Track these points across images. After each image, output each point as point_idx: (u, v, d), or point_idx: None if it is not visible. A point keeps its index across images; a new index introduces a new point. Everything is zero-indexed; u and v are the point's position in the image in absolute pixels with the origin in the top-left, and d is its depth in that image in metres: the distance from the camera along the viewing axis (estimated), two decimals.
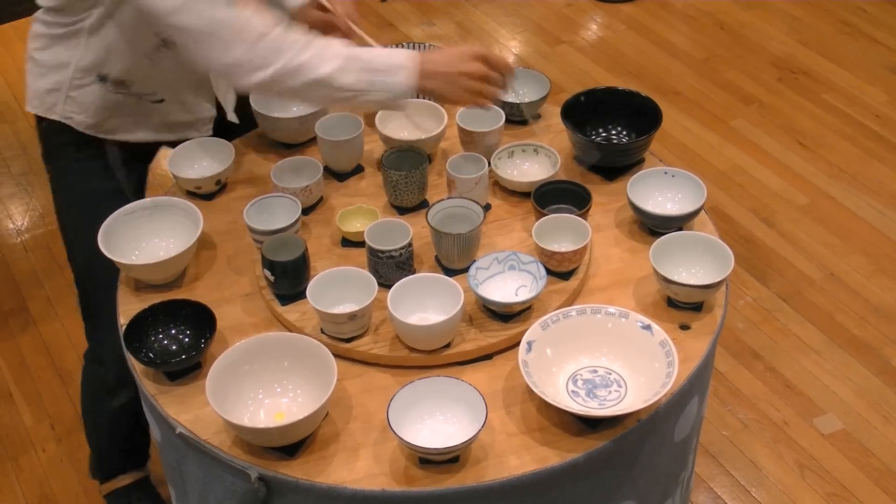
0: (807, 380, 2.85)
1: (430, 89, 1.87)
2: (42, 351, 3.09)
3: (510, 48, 4.31)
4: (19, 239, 3.49)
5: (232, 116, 2.16)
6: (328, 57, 1.80)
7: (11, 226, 3.55)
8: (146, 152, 2.22)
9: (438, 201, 1.89)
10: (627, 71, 4.10)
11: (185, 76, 2.05)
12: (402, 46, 2.32)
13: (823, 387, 2.83)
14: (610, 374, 1.70)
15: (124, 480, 2.48)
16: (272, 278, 1.80)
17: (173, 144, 2.15)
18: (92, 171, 2.13)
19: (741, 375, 2.87)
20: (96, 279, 2.16)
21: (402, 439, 1.54)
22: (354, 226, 1.94)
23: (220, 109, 2.18)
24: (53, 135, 2.14)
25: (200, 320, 1.78)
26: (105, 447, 2.48)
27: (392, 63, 1.83)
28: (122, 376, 2.07)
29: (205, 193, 2.07)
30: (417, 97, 1.93)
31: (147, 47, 1.97)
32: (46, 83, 2.07)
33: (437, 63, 1.87)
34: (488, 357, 1.75)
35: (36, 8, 2.05)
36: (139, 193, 2.15)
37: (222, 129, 2.19)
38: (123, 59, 1.98)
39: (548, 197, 1.96)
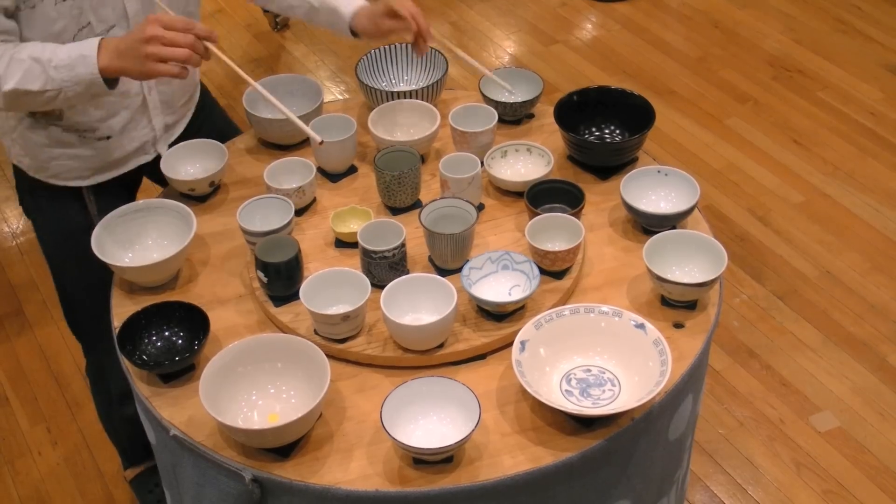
0: (803, 378, 2.85)
1: (118, 68, 1.76)
2: (38, 354, 3.09)
3: (505, 48, 4.31)
4: (14, 242, 3.49)
5: (160, 147, 2.11)
6: (14, 66, 1.76)
7: (7, 229, 3.55)
8: (128, 183, 2.17)
9: (432, 201, 1.89)
10: (622, 70, 4.10)
11: (113, 99, 1.99)
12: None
13: (819, 384, 2.83)
14: (604, 373, 1.70)
15: (147, 464, 2.57)
16: (265, 280, 1.80)
17: (132, 175, 2.13)
18: (68, 209, 2.10)
19: (737, 374, 2.87)
20: (84, 308, 2.19)
21: (395, 440, 1.54)
22: (348, 226, 1.94)
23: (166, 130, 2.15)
24: (23, 180, 2.12)
25: (194, 322, 1.78)
26: (125, 444, 2.56)
27: (72, 56, 1.75)
28: (125, 390, 2.10)
29: (198, 195, 2.07)
30: (113, 82, 1.81)
31: None
32: None
33: (117, 41, 1.76)
34: (482, 357, 1.75)
35: None
36: None
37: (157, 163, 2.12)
38: None
39: (541, 196, 1.96)
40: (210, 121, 2.28)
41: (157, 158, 2.11)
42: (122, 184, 2.13)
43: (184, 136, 2.16)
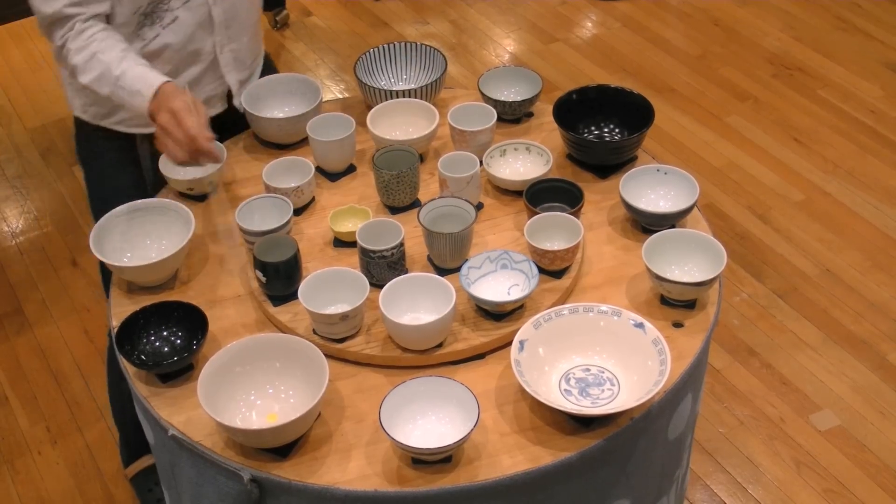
0: (803, 376, 2.85)
1: (154, 123, 1.88)
2: (37, 353, 3.08)
3: (505, 46, 4.31)
4: (14, 242, 3.49)
5: (238, 102, 2.19)
6: (93, 65, 1.91)
7: (6, 228, 3.55)
8: None
9: (430, 201, 1.89)
10: (622, 68, 4.10)
11: (184, 56, 2.07)
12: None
13: (819, 383, 2.83)
14: (603, 372, 1.70)
15: (148, 461, 2.55)
16: (264, 279, 1.80)
17: None
18: (122, 160, 2.18)
19: (737, 372, 2.87)
20: None
21: (394, 440, 1.54)
22: (346, 226, 1.94)
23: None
24: (81, 131, 2.21)
25: (192, 322, 1.78)
26: (130, 428, 2.53)
27: (134, 87, 1.89)
28: None
29: (197, 195, 2.07)
30: None
31: (132, 25, 1.99)
32: (64, 78, 2.14)
33: (159, 102, 1.86)
34: (481, 356, 1.75)
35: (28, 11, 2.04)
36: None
37: (228, 116, 2.20)
38: None
39: (540, 195, 1.95)
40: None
41: (222, 114, 2.18)
42: None
43: None
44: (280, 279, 1.80)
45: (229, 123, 2.19)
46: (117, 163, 2.19)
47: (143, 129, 2.11)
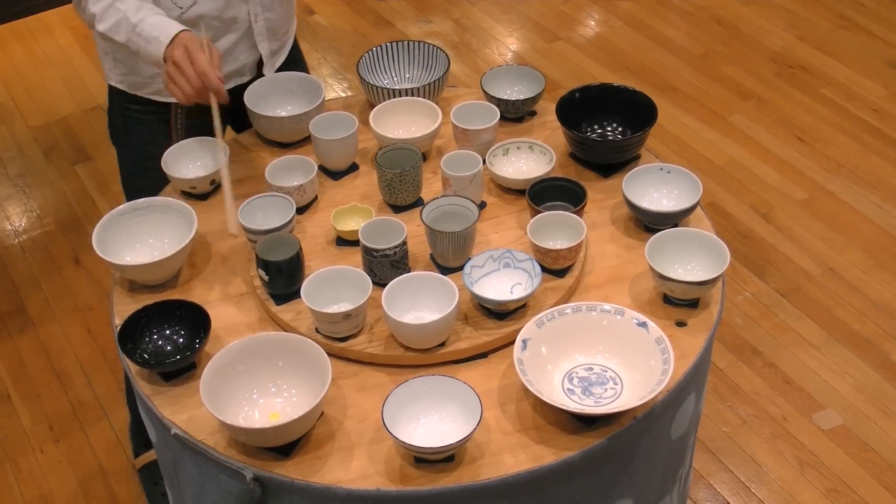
0: (806, 375, 2.85)
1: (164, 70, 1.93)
2: (40, 352, 3.09)
3: (508, 45, 4.31)
4: (17, 240, 3.49)
5: (267, 70, 2.23)
6: (111, 13, 1.95)
7: (9, 227, 3.55)
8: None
9: (433, 199, 1.88)
10: (625, 67, 4.09)
11: (219, 24, 2.11)
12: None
13: (823, 382, 2.83)
14: (605, 371, 1.70)
15: (153, 455, 2.58)
16: (266, 278, 1.80)
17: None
18: (156, 134, 2.21)
19: (740, 371, 2.87)
20: None
21: (396, 439, 1.54)
22: (349, 225, 1.94)
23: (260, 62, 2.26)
24: (117, 101, 2.25)
25: (195, 320, 1.78)
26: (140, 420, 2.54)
27: (151, 34, 1.92)
28: None
29: (199, 193, 2.07)
30: None
31: None
32: (100, 49, 2.17)
33: (173, 46, 1.90)
34: (483, 355, 1.75)
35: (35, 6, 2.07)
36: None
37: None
38: None
39: (543, 194, 1.95)
40: (301, 56, 2.41)
41: (255, 79, 2.22)
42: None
43: (286, 63, 2.30)
44: (282, 278, 1.80)
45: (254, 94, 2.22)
46: (150, 133, 2.23)
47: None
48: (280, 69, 2.29)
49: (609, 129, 2.16)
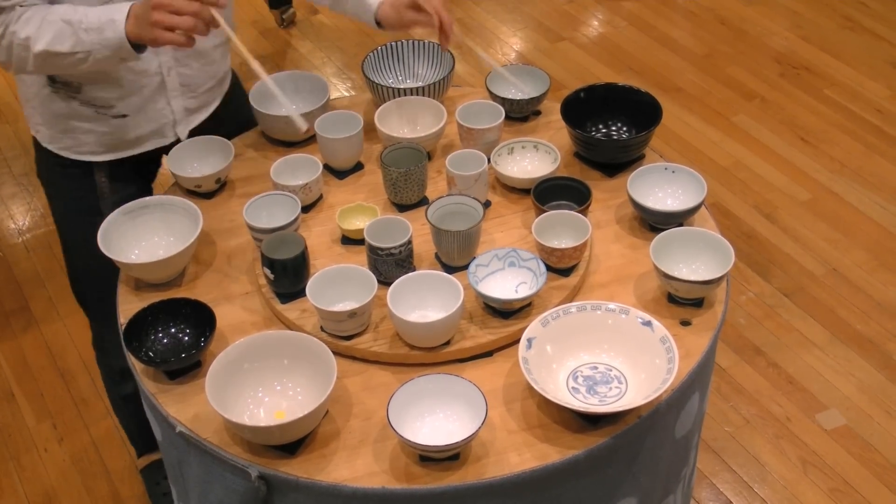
0: (809, 375, 2.85)
1: (136, 35, 1.77)
2: (44, 351, 3.09)
3: (511, 45, 4.31)
4: (21, 239, 3.50)
5: (179, 131, 2.11)
6: (46, 28, 1.78)
7: (13, 226, 3.55)
8: (143, 167, 2.17)
9: (438, 198, 1.89)
10: (629, 67, 4.10)
11: (132, 76, 1.99)
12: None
13: (826, 382, 2.82)
14: (610, 370, 1.70)
15: (159, 454, 2.56)
16: (272, 276, 1.80)
17: (150, 157, 2.13)
18: (79, 185, 2.10)
19: (743, 371, 2.87)
20: (90, 284, 2.21)
21: (402, 437, 1.54)
22: (354, 223, 1.94)
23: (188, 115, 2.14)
24: (40, 151, 2.12)
25: (200, 319, 1.78)
26: (132, 426, 2.57)
27: (102, 19, 1.78)
28: (124, 367, 2.09)
29: (204, 192, 2.07)
30: (142, 47, 1.81)
31: None
32: (21, 92, 2.06)
33: (138, 6, 1.77)
34: (488, 354, 1.75)
35: None
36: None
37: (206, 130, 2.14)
38: None
39: (548, 193, 1.95)
40: (238, 114, 2.24)
41: (176, 143, 2.11)
42: (137, 168, 2.13)
43: (208, 123, 2.16)
44: (288, 276, 1.80)
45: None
46: (78, 188, 2.10)
47: (90, 157, 2.06)
48: (202, 131, 2.13)
49: (614, 128, 2.16)
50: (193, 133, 2.13)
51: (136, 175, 2.15)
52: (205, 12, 1.75)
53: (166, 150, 2.12)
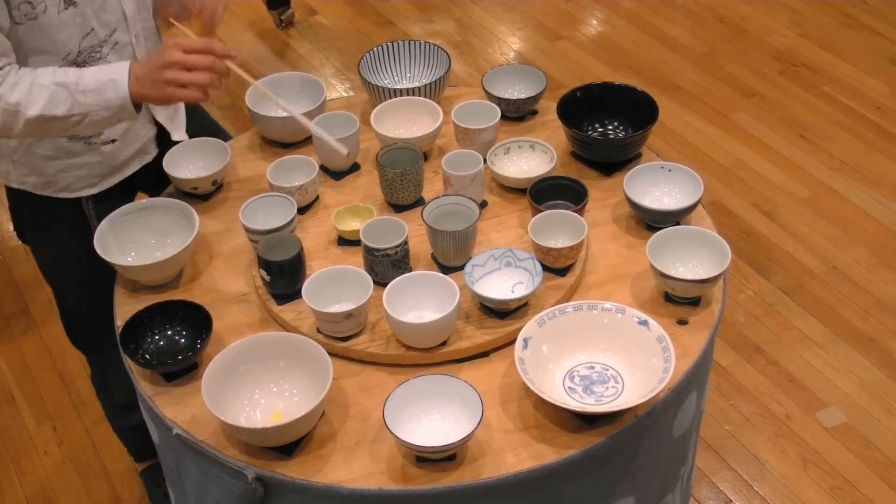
0: (809, 373, 2.84)
1: (140, 95, 1.77)
2: (44, 353, 3.09)
3: (510, 44, 4.30)
4: (20, 241, 3.49)
5: (180, 136, 2.11)
6: (37, 92, 1.74)
7: (12, 228, 3.54)
8: (125, 194, 2.13)
9: (434, 199, 1.88)
10: (627, 66, 4.09)
11: None
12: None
13: (826, 380, 2.82)
14: (607, 370, 1.70)
15: (156, 458, 2.55)
16: (268, 278, 1.80)
17: (133, 183, 2.13)
18: (71, 228, 2.07)
19: (743, 369, 2.86)
20: (87, 324, 2.18)
21: (398, 438, 1.54)
22: (350, 224, 1.94)
23: (161, 128, 2.13)
24: (22, 204, 2.09)
25: (197, 321, 1.78)
26: (133, 445, 2.58)
27: (101, 80, 1.76)
28: (128, 401, 2.10)
29: (201, 194, 2.07)
30: (138, 106, 1.81)
31: None
32: None
33: (141, 66, 1.77)
34: (485, 354, 1.75)
35: None
36: None
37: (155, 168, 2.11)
38: None
39: (544, 193, 1.95)
40: (202, 123, 2.24)
41: (154, 160, 2.10)
42: (122, 194, 2.11)
43: (191, 122, 2.15)
44: (284, 278, 1.80)
45: (152, 179, 2.11)
46: (68, 231, 2.07)
47: (85, 192, 2.04)
48: (188, 130, 2.14)
49: (610, 127, 2.16)
50: (168, 139, 2.11)
51: (123, 202, 2.08)
52: (219, 65, 1.75)
53: (140, 175, 2.12)
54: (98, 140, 2.00)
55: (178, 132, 2.12)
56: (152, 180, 2.14)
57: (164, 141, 2.13)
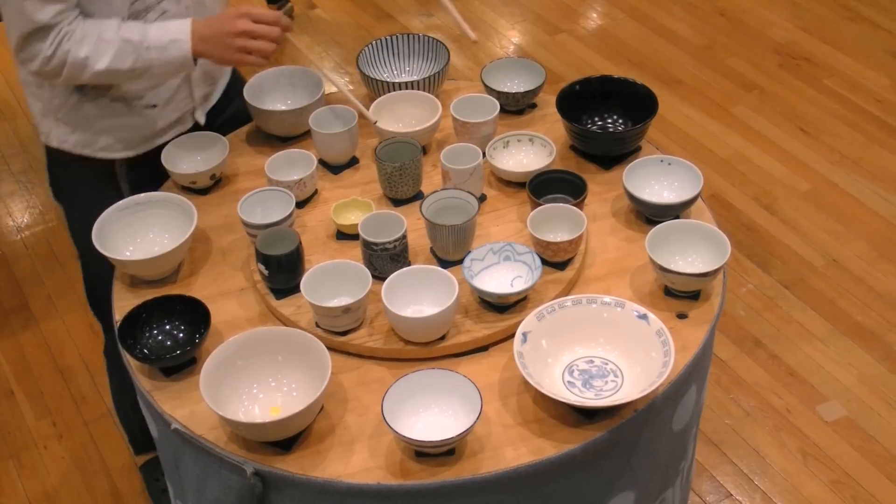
0: (809, 367, 2.84)
1: (203, 53, 1.91)
2: (43, 348, 3.09)
3: (510, 38, 4.30)
4: (19, 236, 3.49)
5: (201, 118, 2.15)
6: (104, 47, 1.86)
7: (12, 223, 3.55)
8: (157, 164, 2.14)
9: (433, 193, 1.88)
10: (628, 59, 4.08)
11: None
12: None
13: (826, 374, 2.82)
14: (606, 364, 1.69)
15: (154, 452, 2.55)
16: (266, 272, 1.80)
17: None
18: (103, 189, 2.10)
19: (743, 363, 2.86)
20: (108, 289, 2.17)
21: (397, 432, 1.54)
22: (349, 218, 1.93)
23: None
24: (58, 162, 2.14)
25: (195, 315, 1.78)
26: (135, 430, 2.55)
27: (164, 38, 1.88)
28: None
29: (199, 188, 2.07)
30: (195, 62, 1.94)
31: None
32: (37, 108, 2.08)
33: (208, 27, 1.90)
34: (484, 349, 1.74)
35: None
36: None
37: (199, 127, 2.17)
38: None
39: (543, 187, 1.95)
40: (240, 96, 2.25)
41: (194, 127, 2.15)
42: (154, 166, 2.11)
43: (218, 106, 2.20)
44: (282, 272, 1.79)
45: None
46: (100, 192, 2.08)
47: (123, 154, 2.08)
48: (213, 117, 2.18)
49: (609, 121, 2.16)
50: (209, 114, 2.18)
51: (154, 169, 2.14)
52: (282, 38, 1.94)
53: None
54: (140, 102, 2.04)
55: (201, 113, 2.16)
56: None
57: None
